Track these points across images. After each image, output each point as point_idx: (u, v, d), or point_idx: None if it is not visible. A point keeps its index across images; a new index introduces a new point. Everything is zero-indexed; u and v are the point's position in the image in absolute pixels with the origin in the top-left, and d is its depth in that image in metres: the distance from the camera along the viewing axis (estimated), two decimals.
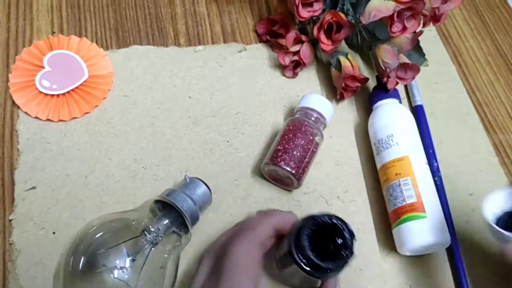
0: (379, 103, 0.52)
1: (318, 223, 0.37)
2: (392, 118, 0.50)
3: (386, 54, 0.50)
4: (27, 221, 0.44)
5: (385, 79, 0.52)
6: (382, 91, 0.53)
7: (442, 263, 0.47)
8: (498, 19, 0.67)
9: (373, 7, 0.47)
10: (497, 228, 0.37)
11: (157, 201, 0.42)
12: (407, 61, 0.51)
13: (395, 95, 0.52)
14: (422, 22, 0.51)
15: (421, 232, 0.43)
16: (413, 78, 0.53)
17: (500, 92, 0.60)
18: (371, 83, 0.56)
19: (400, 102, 0.53)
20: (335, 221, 0.37)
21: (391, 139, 0.48)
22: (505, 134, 0.56)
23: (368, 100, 0.55)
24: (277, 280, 0.44)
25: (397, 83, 0.53)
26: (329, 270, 0.36)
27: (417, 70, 0.51)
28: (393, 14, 0.47)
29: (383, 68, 0.50)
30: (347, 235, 0.37)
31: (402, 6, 0.47)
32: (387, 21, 0.48)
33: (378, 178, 0.50)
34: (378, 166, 0.49)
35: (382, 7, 0.47)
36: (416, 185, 0.45)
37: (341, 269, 0.37)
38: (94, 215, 0.45)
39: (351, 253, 0.37)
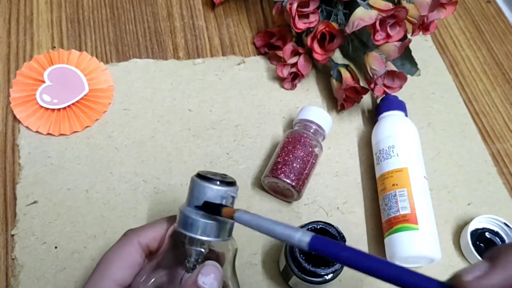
0: (385, 114, 0.52)
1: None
2: (395, 130, 0.50)
3: (374, 61, 0.50)
4: (29, 235, 0.44)
5: (372, 86, 0.52)
6: (389, 102, 0.53)
7: (442, 274, 0.47)
8: (493, 29, 0.67)
9: (357, 16, 0.48)
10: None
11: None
12: (394, 69, 0.52)
13: (402, 107, 0.53)
14: (411, 30, 0.52)
15: (411, 244, 0.44)
16: (401, 87, 0.53)
17: (497, 102, 0.60)
18: (368, 95, 0.57)
19: (406, 115, 0.53)
20: (322, 226, 0.40)
21: (392, 150, 0.49)
22: (503, 143, 0.57)
23: (374, 110, 0.55)
24: None
25: (384, 91, 0.53)
26: (326, 275, 0.39)
27: (404, 78, 0.52)
28: (375, 23, 0.48)
29: (371, 75, 0.51)
30: (337, 237, 0.40)
31: (384, 14, 0.47)
32: (371, 29, 0.49)
33: (377, 189, 0.50)
34: (377, 175, 0.50)
35: (365, 16, 0.47)
36: (412, 197, 0.45)
37: (338, 271, 0.40)
38: (96, 229, 0.45)
39: None
